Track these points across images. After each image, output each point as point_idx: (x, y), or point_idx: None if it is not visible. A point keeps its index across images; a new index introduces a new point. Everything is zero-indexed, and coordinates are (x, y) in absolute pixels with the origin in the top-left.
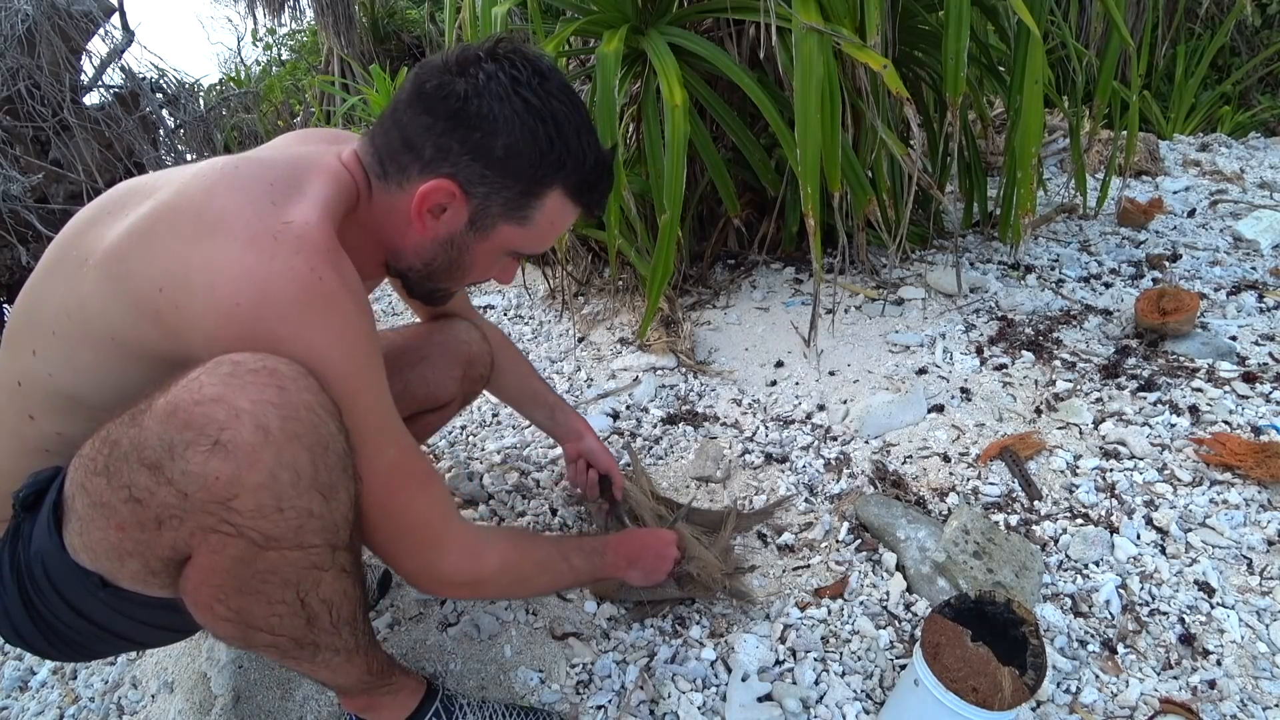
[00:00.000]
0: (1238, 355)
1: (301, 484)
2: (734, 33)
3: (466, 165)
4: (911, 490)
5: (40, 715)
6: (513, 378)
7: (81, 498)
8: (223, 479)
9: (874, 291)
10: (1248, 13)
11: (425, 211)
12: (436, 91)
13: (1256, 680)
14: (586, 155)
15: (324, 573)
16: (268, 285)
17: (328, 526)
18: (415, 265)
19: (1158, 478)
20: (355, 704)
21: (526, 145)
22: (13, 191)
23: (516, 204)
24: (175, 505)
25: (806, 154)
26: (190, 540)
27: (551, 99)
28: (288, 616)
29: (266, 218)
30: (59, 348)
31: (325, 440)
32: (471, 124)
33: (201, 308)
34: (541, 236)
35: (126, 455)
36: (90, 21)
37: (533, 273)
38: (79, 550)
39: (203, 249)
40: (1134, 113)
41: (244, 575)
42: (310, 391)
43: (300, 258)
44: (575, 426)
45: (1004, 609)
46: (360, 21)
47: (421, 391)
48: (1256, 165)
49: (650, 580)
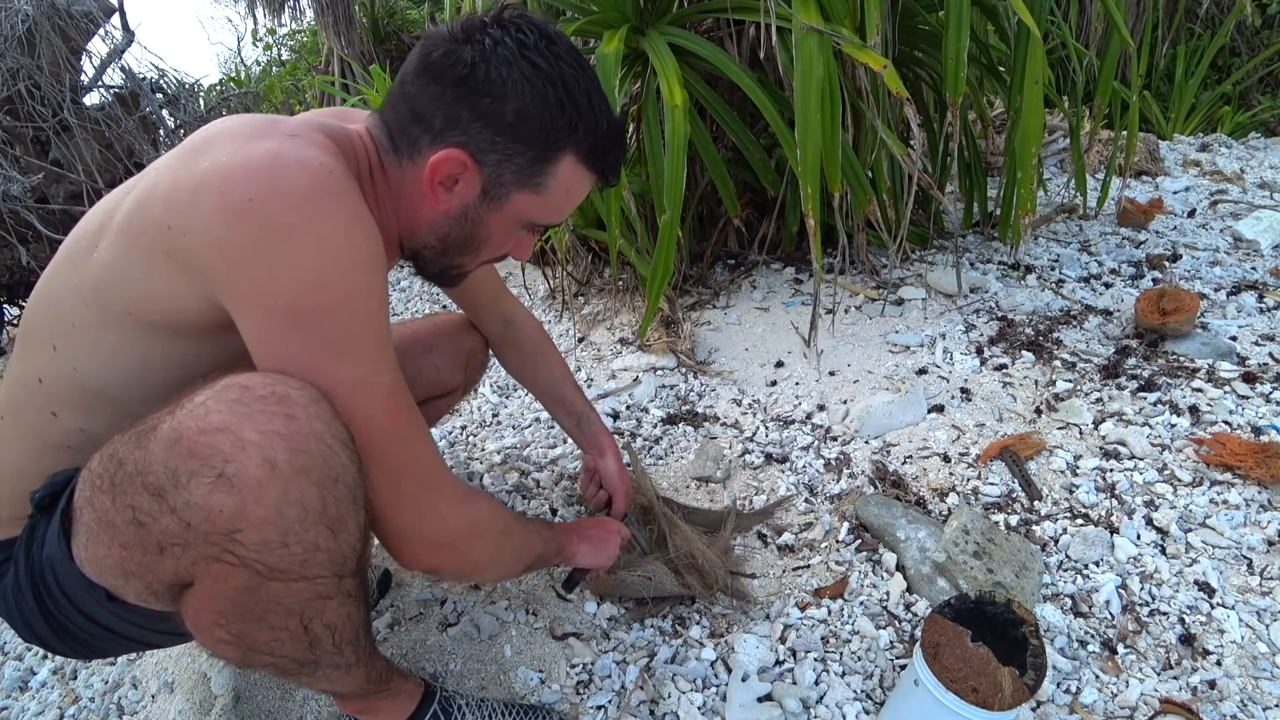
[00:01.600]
0: (1238, 355)
1: (309, 519)
2: (734, 33)
3: (477, 132)
4: (911, 490)
5: (40, 715)
6: (545, 377)
7: (88, 512)
8: (226, 513)
9: (874, 291)
10: (1248, 13)
11: (437, 183)
12: (443, 60)
13: (1256, 680)
14: (599, 119)
15: (329, 600)
16: (278, 175)
17: (334, 559)
18: (430, 241)
19: (1158, 478)
20: (352, 707)
21: (537, 109)
22: (13, 191)
23: (530, 170)
24: (178, 533)
25: (806, 154)
26: (193, 568)
27: (560, 62)
28: (290, 641)
29: (269, 131)
30: (81, 339)
31: (335, 473)
32: (481, 90)
33: (211, 214)
34: (557, 205)
35: (131, 477)
36: (90, 21)
37: (533, 273)
38: (86, 562)
39: (205, 161)
40: (1134, 113)
41: (247, 604)
42: (321, 420)
43: (310, 152)
44: (599, 442)
45: (1004, 609)
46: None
47: (432, 377)
48: (1256, 165)
49: (599, 557)
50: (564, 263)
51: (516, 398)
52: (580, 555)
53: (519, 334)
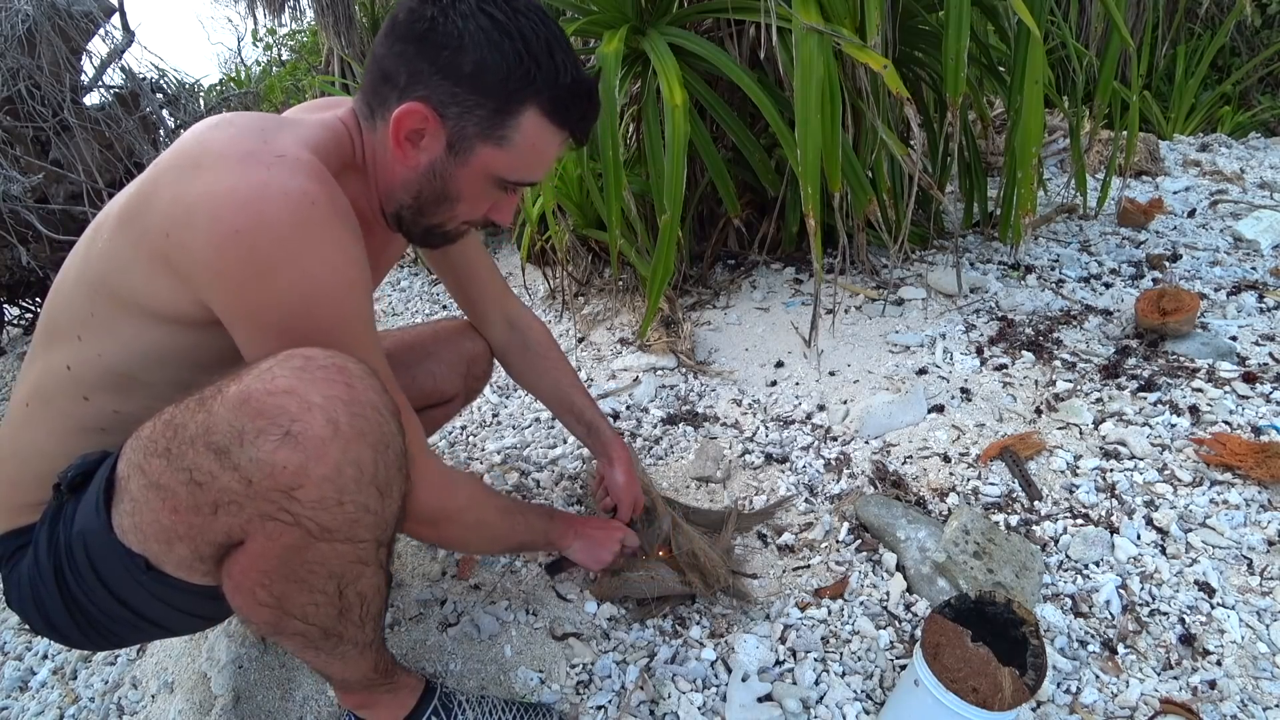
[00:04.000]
0: (1238, 355)
1: (363, 480)
2: (734, 33)
3: (438, 85)
4: (911, 490)
5: (40, 715)
6: (552, 384)
7: (137, 478)
8: (290, 469)
9: (874, 292)
10: (1248, 13)
11: (404, 139)
12: (407, 19)
13: (1257, 680)
14: (560, 73)
15: (367, 567)
16: (263, 209)
17: (380, 523)
18: (405, 200)
19: (1158, 478)
20: (353, 700)
21: (494, 61)
22: (13, 191)
23: (491, 122)
24: (237, 491)
25: (807, 154)
26: (246, 526)
27: (519, 15)
28: (324, 606)
29: (259, 152)
30: (101, 326)
31: (387, 439)
32: (440, 43)
33: (204, 239)
34: (525, 161)
35: (192, 439)
36: (90, 21)
37: (533, 273)
38: (127, 531)
39: (200, 183)
40: (1134, 113)
41: (293, 563)
42: (375, 391)
43: (295, 181)
44: (610, 450)
45: (1004, 609)
46: (360, 22)
47: (428, 385)
48: (1256, 165)
49: (594, 558)
50: (564, 263)
51: (516, 398)
52: (573, 550)
53: (525, 337)
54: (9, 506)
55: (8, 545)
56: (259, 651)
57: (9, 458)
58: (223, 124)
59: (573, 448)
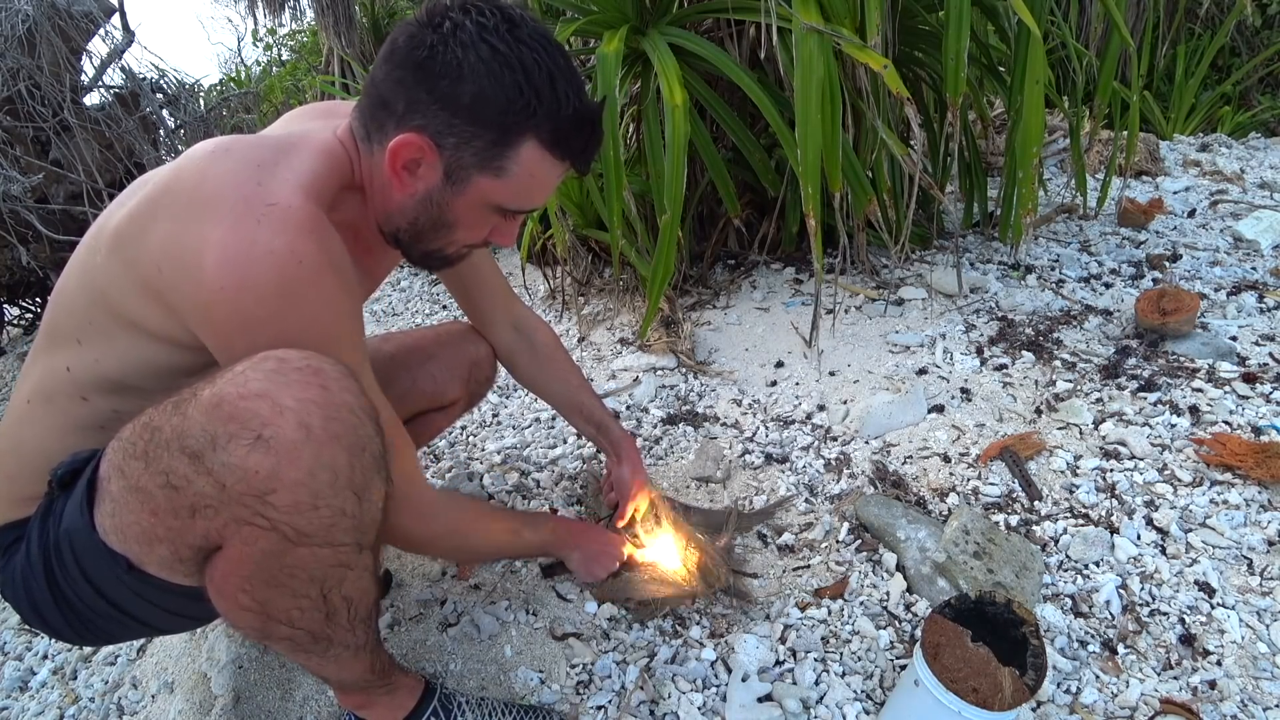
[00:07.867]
0: (1238, 355)
1: (339, 483)
2: (734, 33)
3: (435, 115)
4: (912, 490)
5: (40, 715)
6: (560, 386)
7: (117, 480)
8: (262, 473)
9: (874, 292)
10: (1248, 13)
11: (401, 169)
12: (406, 45)
13: (1257, 680)
14: (562, 104)
15: (350, 570)
16: (248, 271)
17: (358, 526)
18: (402, 226)
19: (1158, 478)
20: (352, 700)
21: (494, 92)
22: (13, 191)
23: (489, 154)
24: (212, 495)
25: (807, 154)
26: (223, 531)
27: (521, 45)
28: (309, 610)
29: (252, 200)
30: (98, 335)
31: (363, 442)
32: (439, 73)
33: (193, 289)
34: (523, 190)
35: (168, 443)
36: (90, 22)
37: (533, 273)
38: (109, 531)
39: (193, 232)
40: (1134, 113)
41: (272, 568)
42: (351, 393)
43: (281, 240)
44: (617, 450)
45: (1004, 609)
46: (360, 22)
47: (429, 389)
48: (1257, 165)
49: (588, 571)
50: (564, 263)
51: (517, 398)
52: (571, 560)
53: (531, 340)
54: (7, 500)
55: (5, 537)
56: (259, 652)
57: (9, 453)
58: (221, 154)
59: (573, 448)
